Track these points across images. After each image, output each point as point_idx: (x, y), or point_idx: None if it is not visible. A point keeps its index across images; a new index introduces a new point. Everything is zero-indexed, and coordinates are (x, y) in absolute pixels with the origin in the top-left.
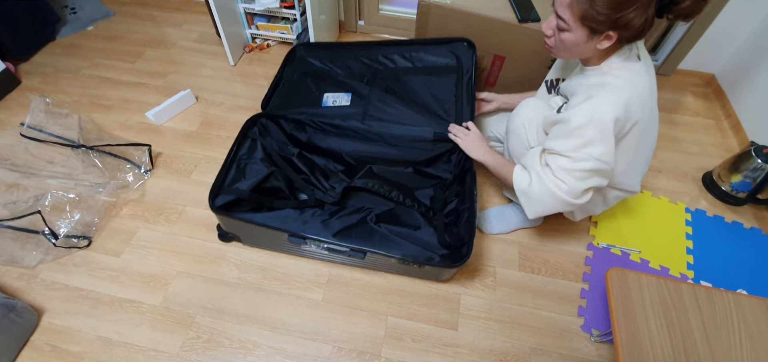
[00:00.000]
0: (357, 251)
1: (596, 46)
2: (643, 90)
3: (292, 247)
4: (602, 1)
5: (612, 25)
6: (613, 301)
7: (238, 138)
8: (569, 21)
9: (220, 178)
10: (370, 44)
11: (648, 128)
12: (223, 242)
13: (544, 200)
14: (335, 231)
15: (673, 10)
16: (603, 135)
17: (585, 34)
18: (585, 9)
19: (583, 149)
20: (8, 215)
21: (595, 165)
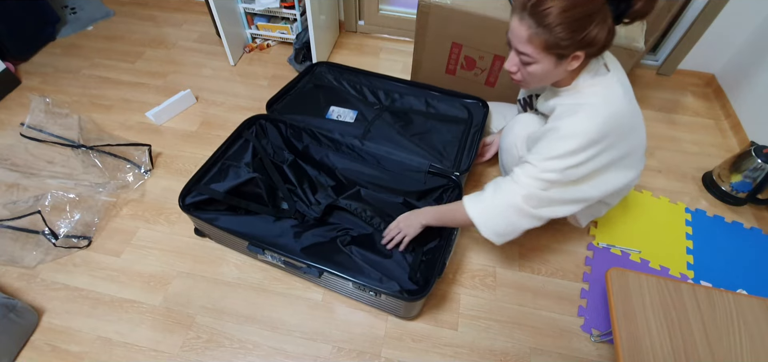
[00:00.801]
0: (313, 268)
1: (566, 69)
2: (619, 102)
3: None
4: (561, 28)
5: (577, 46)
6: (613, 301)
7: (230, 138)
8: (533, 54)
9: (196, 176)
10: (390, 78)
11: (632, 131)
12: (200, 237)
13: (499, 210)
14: (305, 245)
15: (629, 13)
16: (575, 153)
17: (552, 61)
18: (546, 38)
19: (551, 160)
20: (8, 215)
21: (558, 177)
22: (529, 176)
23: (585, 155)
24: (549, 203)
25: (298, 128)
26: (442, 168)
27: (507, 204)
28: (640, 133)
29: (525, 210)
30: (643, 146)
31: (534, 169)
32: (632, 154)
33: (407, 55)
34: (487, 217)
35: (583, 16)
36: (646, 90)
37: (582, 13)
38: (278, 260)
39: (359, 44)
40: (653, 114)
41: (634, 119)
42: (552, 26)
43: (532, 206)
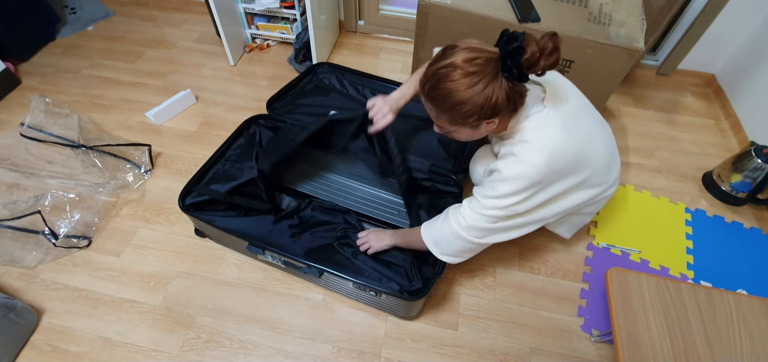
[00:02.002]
0: (313, 268)
1: (487, 130)
2: (556, 139)
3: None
4: (452, 115)
5: (482, 117)
6: (613, 301)
7: (230, 138)
8: (446, 127)
9: (196, 177)
10: (392, 82)
11: (581, 163)
12: (200, 238)
13: (446, 238)
14: (305, 247)
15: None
16: (515, 193)
17: (467, 129)
18: (450, 117)
19: (493, 199)
20: (8, 215)
21: (501, 213)
22: (474, 210)
23: (527, 194)
24: (493, 232)
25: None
26: (443, 168)
27: (451, 233)
28: (594, 159)
29: (467, 239)
30: (602, 169)
31: (478, 205)
32: (589, 178)
33: (407, 55)
34: (437, 242)
35: (462, 100)
36: (646, 90)
37: (458, 98)
38: (278, 260)
39: (359, 44)
40: (653, 114)
41: (582, 151)
42: (449, 111)
43: (475, 237)
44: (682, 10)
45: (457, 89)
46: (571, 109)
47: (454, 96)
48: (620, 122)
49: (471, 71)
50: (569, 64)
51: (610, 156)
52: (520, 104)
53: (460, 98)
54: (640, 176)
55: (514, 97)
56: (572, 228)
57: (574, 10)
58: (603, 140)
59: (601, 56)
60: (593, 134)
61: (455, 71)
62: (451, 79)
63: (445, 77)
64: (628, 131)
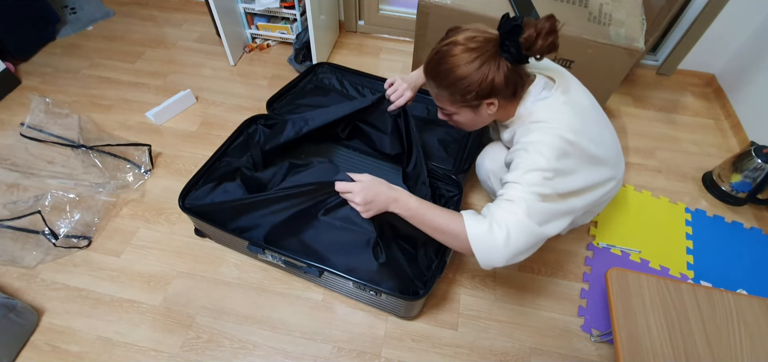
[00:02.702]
0: (313, 268)
1: (489, 113)
2: (571, 117)
3: (253, 253)
4: (455, 88)
5: (482, 96)
6: (613, 301)
7: (230, 138)
8: (447, 108)
9: (196, 177)
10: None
11: (600, 142)
12: (200, 238)
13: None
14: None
15: (530, 52)
16: (550, 158)
17: (469, 111)
18: (449, 96)
19: (532, 173)
20: (8, 215)
21: (544, 190)
22: (520, 191)
23: (561, 163)
24: (548, 215)
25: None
26: (443, 168)
27: (517, 224)
28: (609, 151)
29: (530, 228)
30: (615, 162)
31: (520, 186)
32: (610, 170)
33: (407, 55)
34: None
35: (461, 76)
36: (646, 90)
37: (457, 73)
38: (278, 260)
39: (359, 44)
40: (653, 114)
41: (597, 140)
42: (440, 88)
43: (538, 223)
44: (682, 10)
45: (457, 64)
46: (581, 99)
47: (454, 71)
48: (620, 122)
49: (471, 47)
50: (569, 64)
51: (618, 152)
52: (520, 89)
53: (460, 73)
54: (640, 176)
55: (514, 79)
56: (572, 225)
57: (574, 10)
58: (611, 135)
59: (601, 56)
60: (603, 127)
61: (456, 47)
62: (452, 55)
63: (446, 53)
64: (628, 131)
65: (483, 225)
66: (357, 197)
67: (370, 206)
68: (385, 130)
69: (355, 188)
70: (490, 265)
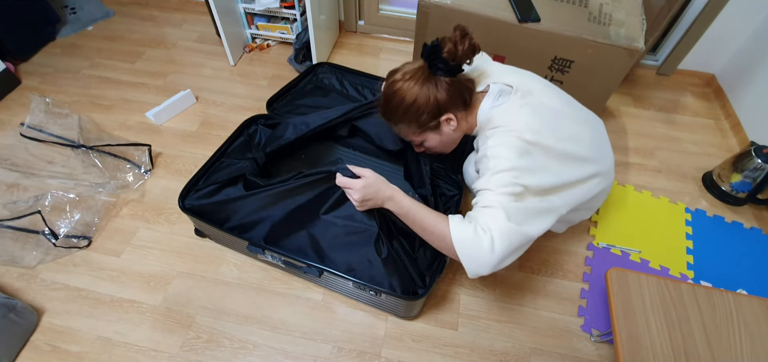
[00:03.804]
0: (313, 268)
1: (451, 129)
2: (531, 116)
3: (253, 253)
4: (409, 121)
5: (435, 115)
6: (613, 301)
7: (230, 138)
8: (416, 138)
9: (196, 177)
10: None
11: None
12: (200, 238)
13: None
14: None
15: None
16: (512, 157)
17: (433, 133)
18: (409, 123)
19: (499, 174)
20: (8, 215)
21: (513, 186)
22: (493, 196)
23: (525, 160)
24: (527, 215)
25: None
26: (443, 167)
27: (499, 230)
28: (580, 146)
29: (511, 229)
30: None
31: (491, 192)
32: (586, 159)
33: (407, 56)
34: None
35: (409, 104)
36: (646, 90)
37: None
38: (278, 260)
39: (359, 44)
40: (653, 114)
41: (564, 137)
42: (399, 122)
43: (517, 223)
44: (682, 10)
45: (402, 96)
46: (545, 100)
47: (403, 102)
48: (620, 122)
49: (409, 77)
50: (569, 64)
51: (600, 145)
52: (468, 96)
53: (408, 100)
54: (640, 176)
55: (458, 89)
56: (566, 223)
57: (574, 10)
58: (587, 128)
59: (601, 56)
60: (580, 124)
61: (396, 83)
62: (395, 90)
63: (391, 92)
64: (628, 131)
65: (468, 229)
66: (356, 194)
67: (366, 203)
68: (385, 127)
69: (356, 185)
70: (477, 273)
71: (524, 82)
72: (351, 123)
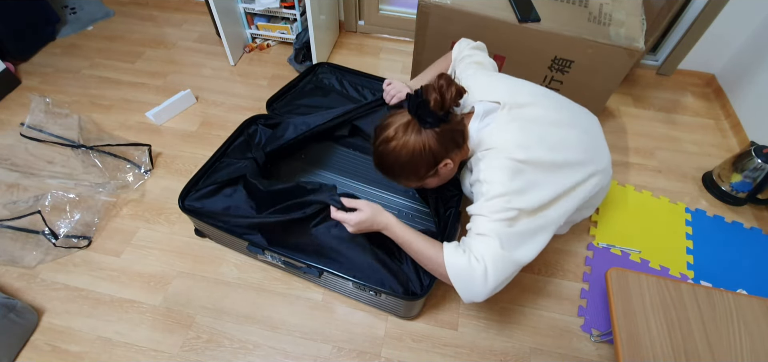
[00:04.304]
0: (313, 268)
1: (449, 168)
2: (518, 132)
3: (253, 253)
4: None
5: (431, 165)
6: (613, 301)
7: (230, 138)
8: (418, 184)
9: (196, 177)
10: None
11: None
12: (200, 238)
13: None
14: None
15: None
16: (506, 180)
17: (433, 177)
18: (409, 177)
19: (490, 200)
20: (8, 215)
21: (508, 212)
22: (486, 223)
23: (517, 182)
24: (521, 238)
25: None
26: None
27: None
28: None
29: (505, 256)
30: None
31: (484, 218)
32: (584, 171)
33: (407, 55)
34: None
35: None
36: (646, 90)
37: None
38: (278, 260)
39: (359, 44)
40: (653, 114)
41: (556, 144)
42: (402, 173)
43: (510, 249)
44: (682, 10)
45: (396, 156)
46: (531, 111)
47: (397, 162)
48: (620, 122)
49: (400, 135)
50: (569, 64)
51: (593, 146)
52: (459, 135)
53: (402, 160)
54: (640, 176)
55: (448, 134)
56: (569, 223)
57: (574, 10)
58: (577, 131)
59: (601, 56)
60: (566, 128)
61: (389, 143)
62: (388, 150)
63: (383, 152)
64: (628, 131)
65: (462, 259)
66: (351, 227)
67: (361, 231)
68: None
69: (351, 220)
70: (471, 300)
71: (512, 94)
72: (351, 123)
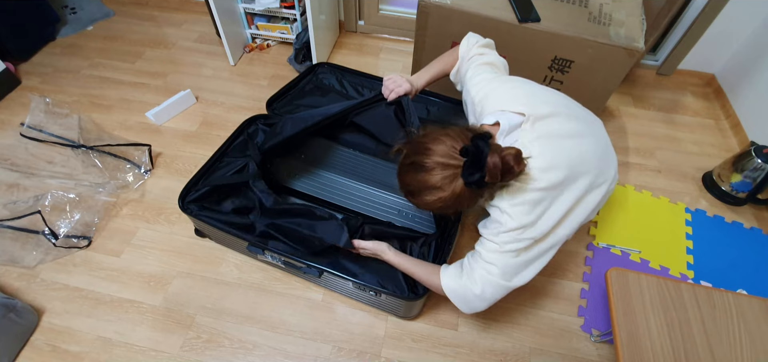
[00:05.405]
0: (313, 268)
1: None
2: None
3: (253, 253)
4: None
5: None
6: (613, 301)
7: (230, 138)
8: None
9: (196, 177)
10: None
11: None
12: (200, 238)
13: (479, 292)
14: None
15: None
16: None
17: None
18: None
19: (506, 233)
20: (8, 215)
21: (521, 244)
22: (495, 251)
23: (534, 215)
24: (527, 263)
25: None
26: None
27: (484, 281)
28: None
29: (504, 285)
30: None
31: (495, 246)
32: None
33: (407, 55)
34: (463, 298)
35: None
36: (646, 90)
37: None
38: (278, 261)
39: (359, 44)
40: (653, 114)
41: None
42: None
43: (508, 279)
44: (682, 10)
45: (429, 202)
46: (551, 123)
47: (428, 204)
48: (620, 122)
49: (439, 186)
50: (569, 64)
51: (603, 154)
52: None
53: (433, 205)
54: (640, 176)
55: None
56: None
57: (574, 10)
58: (592, 142)
59: (601, 56)
60: (579, 139)
61: (426, 191)
62: (424, 194)
63: (417, 191)
64: (628, 131)
65: (458, 282)
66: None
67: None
68: (385, 121)
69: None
70: (471, 311)
71: (533, 104)
72: (350, 119)
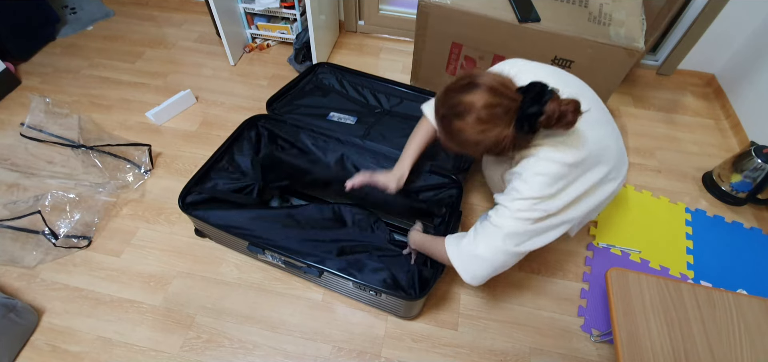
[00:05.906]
0: (312, 268)
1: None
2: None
3: (253, 253)
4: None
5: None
6: (613, 301)
7: (230, 138)
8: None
9: (196, 177)
10: (392, 82)
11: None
12: (200, 238)
13: (479, 252)
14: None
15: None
16: (544, 187)
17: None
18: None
19: (522, 200)
20: (8, 215)
21: (535, 213)
22: (506, 217)
23: (553, 189)
24: (531, 235)
25: (298, 127)
26: (442, 168)
27: (489, 247)
28: (609, 152)
29: (506, 250)
30: (617, 162)
31: (507, 211)
32: (610, 173)
33: (407, 55)
34: (466, 266)
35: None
36: (646, 90)
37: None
38: (278, 260)
39: (359, 44)
40: (653, 114)
41: (597, 146)
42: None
43: (514, 245)
44: (682, 10)
45: (469, 134)
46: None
47: (465, 137)
48: (620, 122)
49: (485, 118)
50: (569, 64)
51: (620, 149)
52: (527, 139)
53: (471, 140)
54: (640, 176)
55: (524, 136)
56: (579, 225)
57: (574, 10)
58: (613, 134)
59: (601, 56)
60: (603, 127)
61: (470, 115)
62: (465, 123)
63: (459, 116)
64: (628, 131)
65: (459, 243)
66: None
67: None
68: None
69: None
70: (473, 280)
71: (565, 82)
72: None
